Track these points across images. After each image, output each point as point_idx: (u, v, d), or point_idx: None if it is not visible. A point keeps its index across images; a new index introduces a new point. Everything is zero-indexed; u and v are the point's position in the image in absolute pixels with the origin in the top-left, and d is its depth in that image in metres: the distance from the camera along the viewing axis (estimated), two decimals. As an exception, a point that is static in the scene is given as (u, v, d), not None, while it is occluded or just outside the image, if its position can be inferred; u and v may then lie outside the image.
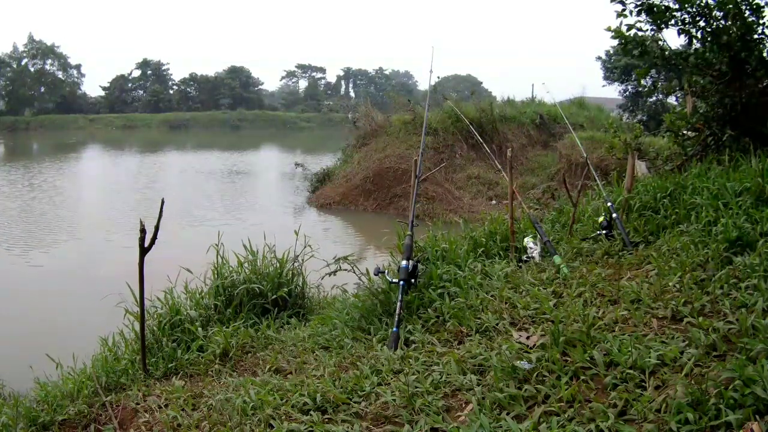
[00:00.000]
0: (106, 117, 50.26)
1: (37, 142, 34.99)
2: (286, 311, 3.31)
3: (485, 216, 3.91)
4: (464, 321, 2.15)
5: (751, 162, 3.13)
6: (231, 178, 17.88)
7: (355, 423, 1.54)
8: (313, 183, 13.68)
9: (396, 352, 2.00)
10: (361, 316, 2.59)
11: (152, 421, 2.04)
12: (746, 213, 2.48)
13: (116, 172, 20.09)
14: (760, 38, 3.76)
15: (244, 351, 2.66)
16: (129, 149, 30.10)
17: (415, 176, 3.14)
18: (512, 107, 15.92)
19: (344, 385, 1.77)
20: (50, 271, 7.82)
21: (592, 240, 3.12)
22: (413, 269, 2.54)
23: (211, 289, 3.40)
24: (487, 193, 11.83)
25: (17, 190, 14.82)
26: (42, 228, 10.46)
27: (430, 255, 3.01)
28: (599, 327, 1.76)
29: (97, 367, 2.69)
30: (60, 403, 2.33)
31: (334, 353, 2.28)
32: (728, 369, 1.21)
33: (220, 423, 1.78)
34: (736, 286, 1.83)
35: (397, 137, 12.97)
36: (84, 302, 5.76)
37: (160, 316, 3.05)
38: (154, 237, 2.44)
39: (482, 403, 1.45)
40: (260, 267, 3.52)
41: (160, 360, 2.67)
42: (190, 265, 3.52)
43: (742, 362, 1.22)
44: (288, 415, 1.68)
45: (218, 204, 13.13)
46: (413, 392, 1.58)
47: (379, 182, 11.94)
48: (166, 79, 60.58)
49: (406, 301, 2.45)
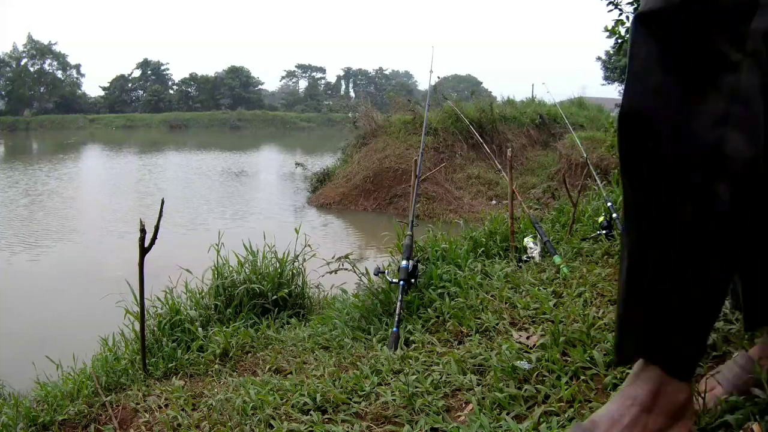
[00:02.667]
0: (106, 117, 50.30)
1: (37, 142, 34.99)
2: (286, 311, 3.31)
3: (485, 216, 3.91)
4: (464, 321, 2.15)
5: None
6: (231, 178, 17.89)
7: (355, 423, 1.54)
8: (313, 183, 13.69)
9: (396, 352, 2.00)
10: (361, 316, 2.59)
11: (152, 421, 2.04)
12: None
13: (116, 171, 20.09)
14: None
15: (244, 351, 2.66)
16: (129, 149, 30.09)
17: (415, 176, 3.14)
18: (512, 107, 15.93)
19: (344, 385, 1.77)
20: (50, 270, 7.82)
21: (592, 240, 3.12)
22: (413, 269, 2.55)
23: (211, 289, 3.40)
24: (487, 193, 11.83)
25: (17, 190, 14.82)
26: (42, 228, 10.47)
27: (430, 255, 3.01)
28: (599, 327, 1.76)
29: (97, 367, 2.69)
30: (60, 403, 2.33)
31: (334, 353, 2.28)
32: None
33: (220, 423, 1.78)
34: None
35: (397, 137, 12.97)
36: (84, 302, 5.77)
37: (160, 316, 3.06)
38: (154, 237, 2.44)
39: (482, 403, 1.45)
40: (260, 267, 3.52)
41: (160, 360, 2.67)
42: (190, 265, 3.53)
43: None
44: (288, 415, 1.68)
45: (218, 204, 13.13)
46: (413, 392, 1.58)
47: (379, 182, 11.94)
48: (166, 79, 60.62)
49: (406, 301, 2.45)
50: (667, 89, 0.78)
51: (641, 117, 0.80)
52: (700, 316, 0.84)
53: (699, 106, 0.76)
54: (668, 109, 0.78)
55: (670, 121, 0.78)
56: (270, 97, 65.75)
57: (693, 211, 0.78)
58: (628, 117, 0.82)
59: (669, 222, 0.80)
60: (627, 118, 0.82)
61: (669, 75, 0.78)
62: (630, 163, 0.83)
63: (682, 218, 0.79)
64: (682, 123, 0.77)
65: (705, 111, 0.76)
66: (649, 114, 0.80)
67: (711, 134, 0.76)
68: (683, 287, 0.81)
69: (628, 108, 0.82)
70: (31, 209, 12.24)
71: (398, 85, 63.22)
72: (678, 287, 0.82)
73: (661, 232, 0.81)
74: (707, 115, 0.76)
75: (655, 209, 0.81)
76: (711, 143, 0.76)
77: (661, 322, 0.84)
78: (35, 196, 13.77)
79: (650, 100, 0.80)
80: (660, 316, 0.84)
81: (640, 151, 0.81)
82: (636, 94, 0.81)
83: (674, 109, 0.78)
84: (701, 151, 0.76)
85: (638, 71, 0.81)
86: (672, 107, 0.78)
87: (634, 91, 0.82)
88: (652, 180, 0.80)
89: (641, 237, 0.84)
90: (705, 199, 0.77)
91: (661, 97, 0.79)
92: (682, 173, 0.77)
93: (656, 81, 0.79)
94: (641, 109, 0.80)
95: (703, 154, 0.76)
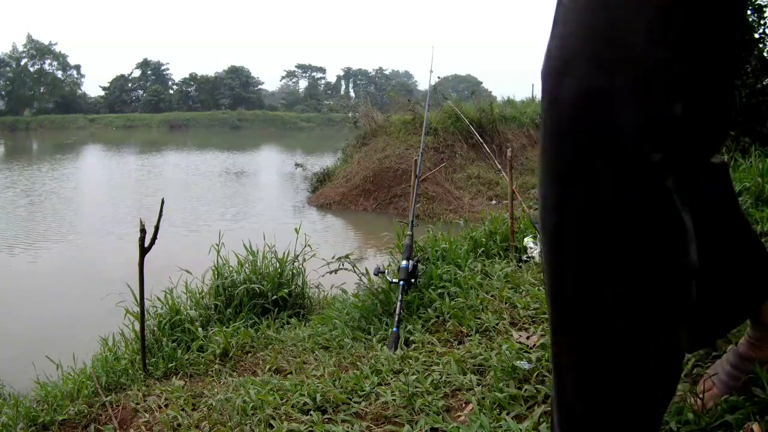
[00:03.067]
0: (106, 117, 50.30)
1: (37, 142, 35.00)
2: (286, 311, 3.31)
3: (485, 216, 3.91)
4: (464, 321, 2.15)
5: (750, 162, 3.13)
6: (231, 178, 17.88)
7: (355, 423, 1.54)
8: (313, 183, 13.68)
9: (396, 352, 2.00)
10: (361, 316, 2.59)
11: (152, 421, 2.04)
12: (746, 213, 2.48)
13: (116, 171, 20.09)
14: (761, 37, 3.77)
15: (244, 351, 2.66)
16: (129, 149, 30.10)
17: (415, 176, 3.14)
18: (512, 107, 15.93)
19: (344, 385, 1.77)
20: (50, 271, 7.82)
21: (592, 240, 3.11)
22: (413, 269, 2.54)
23: (211, 289, 3.40)
24: (487, 193, 11.82)
25: (16, 190, 14.82)
26: (41, 228, 10.47)
27: (430, 255, 3.01)
28: (599, 327, 1.76)
29: (97, 367, 2.69)
30: (60, 403, 2.33)
31: (334, 353, 2.27)
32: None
33: (220, 423, 1.78)
34: (736, 285, 1.83)
35: (397, 137, 12.97)
36: (84, 302, 5.76)
37: (160, 316, 3.06)
38: (154, 237, 2.44)
39: (482, 403, 1.45)
40: (260, 267, 3.52)
41: (160, 360, 2.67)
42: (191, 265, 3.53)
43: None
44: (288, 414, 1.68)
45: (218, 204, 13.13)
46: (413, 392, 1.58)
47: (379, 182, 11.93)
48: (166, 79, 60.63)
49: (406, 301, 2.45)
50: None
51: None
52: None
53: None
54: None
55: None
56: (270, 97, 65.76)
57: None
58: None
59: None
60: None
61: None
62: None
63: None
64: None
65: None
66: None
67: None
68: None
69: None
70: (30, 210, 12.23)
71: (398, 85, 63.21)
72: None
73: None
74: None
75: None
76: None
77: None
78: (35, 197, 13.76)
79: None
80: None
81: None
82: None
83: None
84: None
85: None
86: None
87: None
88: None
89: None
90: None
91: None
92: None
93: None
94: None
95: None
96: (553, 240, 0.67)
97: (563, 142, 0.65)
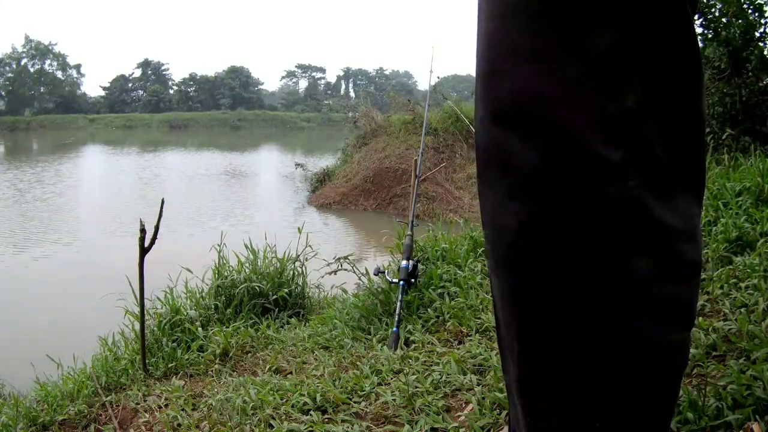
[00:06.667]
0: (106, 117, 50.30)
1: (37, 142, 34.99)
2: (286, 311, 3.31)
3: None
4: (464, 321, 2.15)
5: (751, 161, 3.13)
6: (231, 178, 17.88)
7: (355, 423, 1.53)
8: (312, 183, 13.68)
9: (396, 352, 2.00)
10: (361, 316, 2.59)
11: (152, 421, 2.04)
12: (746, 213, 2.48)
13: (116, 171, 20.09)
14: (762, 36, 3.77)
15: (244, 351, 2.66)
16: (129, 149, 30.09)
17: (415, 176, 3.14)
18: (512, 107, 15.91)
19: (344, 385, 1.77)
20: (50, 271, 7.82)
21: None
22: (413, 269, 2.54)
23: (211, 288, 3.40)
24: (487, 193, 11.82)
25: (16, 190, 14.82)
26: (41, 227, 10.47)
27: (430, 255, 3.01)
28: (599, 327, 1.76)
29: (97, 367, 2.69)
30: (60, 403, 2.33)
31: (334, 353, 2.27)
32: (727, 375, 1.20)
33: (220, 423, 1.78)
34: (736, 286, 1.83)
35: (397, 137, 12.97)
36: (84, 302, 5.76)
37: (160, 315, 3.05)
38: (154, 237, 2.44)
39: (482, 403, 1.45)
40: (261, 267, 3.52)
41: (160, 360, 2.67)
42: (191, 265, 3.53)
43: (741, 366, 1.21)
44: (288, 414, 1.68)
45: (218, 204, 13.12)
46: (413, 392, 1.58)
47: (379, 182, 11.94)
48: (166, 79, 60.64)
49: (406, 301, 2.45)
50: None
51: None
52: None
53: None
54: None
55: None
56: (270, 97, 65.76)
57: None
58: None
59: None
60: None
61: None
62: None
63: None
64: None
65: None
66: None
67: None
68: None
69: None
70: (30, 210, 12.23)
71: (398, 85, 63.23)
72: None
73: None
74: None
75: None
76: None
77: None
78: (34, 197, 13.76)
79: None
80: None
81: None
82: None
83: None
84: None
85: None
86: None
87: None
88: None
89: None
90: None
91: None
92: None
93: None
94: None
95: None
96: (511, 265, 0.59)
97: (509, 153, 0.56)
